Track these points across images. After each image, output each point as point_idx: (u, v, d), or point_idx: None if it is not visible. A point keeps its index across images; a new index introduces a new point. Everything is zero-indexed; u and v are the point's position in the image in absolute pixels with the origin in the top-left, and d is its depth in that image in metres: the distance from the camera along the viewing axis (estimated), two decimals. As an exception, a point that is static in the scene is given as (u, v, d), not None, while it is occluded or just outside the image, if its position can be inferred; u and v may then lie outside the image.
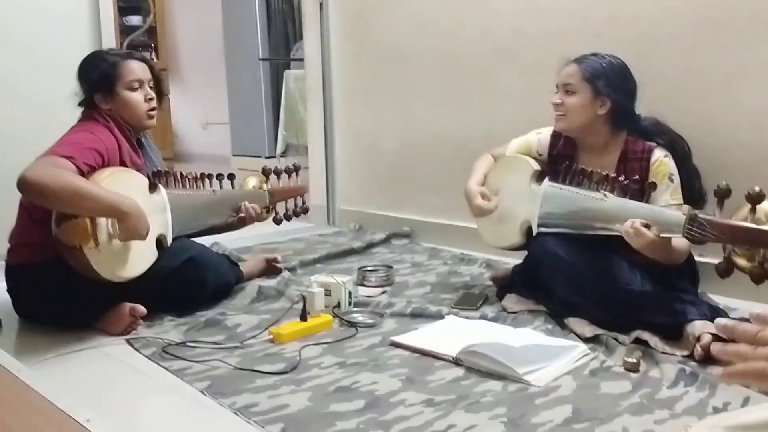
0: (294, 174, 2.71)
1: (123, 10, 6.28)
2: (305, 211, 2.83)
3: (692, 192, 2.12)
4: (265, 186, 2.64)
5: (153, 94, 2.23)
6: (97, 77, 2.17)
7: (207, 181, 2.43)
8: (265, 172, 2.65)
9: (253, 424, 1.50)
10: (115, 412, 1.55)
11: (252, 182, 2.67)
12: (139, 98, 2.20)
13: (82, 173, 1.94)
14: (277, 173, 2.65)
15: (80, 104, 2.22)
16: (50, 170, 1.88)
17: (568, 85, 2.15)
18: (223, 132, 6.55)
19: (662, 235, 1.87)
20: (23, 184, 1.87)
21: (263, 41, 6.10)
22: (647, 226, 1.87)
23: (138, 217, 1.97)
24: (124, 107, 2.18)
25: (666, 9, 2.45)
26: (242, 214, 2.42)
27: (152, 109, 2.24)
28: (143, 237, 2.00)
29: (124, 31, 6.19)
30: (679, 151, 2.16)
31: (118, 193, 1.95)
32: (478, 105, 3.09)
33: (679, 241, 1.95)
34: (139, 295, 2.09)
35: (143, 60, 2.27)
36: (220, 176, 2.47)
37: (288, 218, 2.76)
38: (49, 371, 1.82)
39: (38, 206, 1.98)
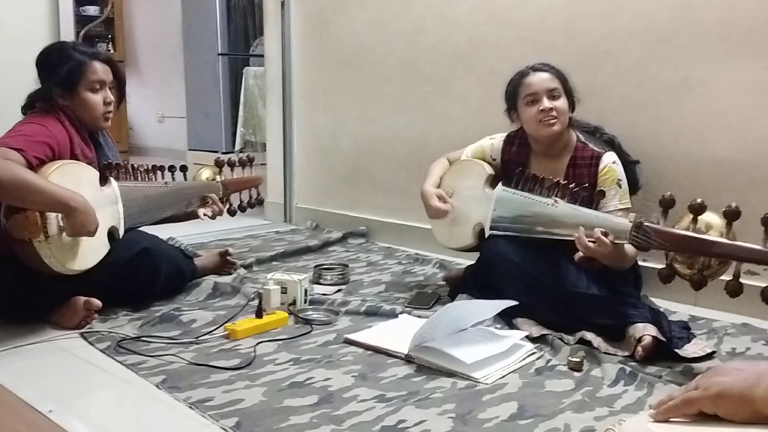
0: (248, 165, 2.71)
1: (80, 0, 6.18)
2: (260, 202, 2.84)
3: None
4: (218, 177, 2.65)
5: (112, 98, 2.24)
6: (62, 74, 2.15)
7: (159, 173, 2.44)
8: (219, 164, 2.65)
9: (208, 418, 1.53)
10: (74, 404, 1.56)
11: (205, 174, 2.67)
12: (98, 100, 2.19)
13: (31, 166, 1.94)
14: (231, 164, 2.65)
15: (36, 94, 2.20)
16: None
17: (553, 90, 2.18)
18: (179, 126, 6.51)
19: (615, 241, 1.93)
20: None
21: (222, 36, 6.07)
22: (605, 234, 1.92)
23: (86, 213, 1.96)
24: (82, 107, 2.18)
25: (617, 24, 2.54)
26: (207, 207, 2.48)
27: (109, 112, 2.24)
28: (92, 233, 2.00)
29: (81, 21, 6.09)
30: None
31: (67, 189, 1.94)
32: (434, 109, 3.15)
33: (629, 247, 2.03)
34: (93, 287, 2.08)
35: (108, 61, 2.26)
36: (172, 168, 2.48)
37: (243, 209, 2.75)
38: (5, 363, 1.81)
39: None
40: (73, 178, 2.02)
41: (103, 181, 2.18)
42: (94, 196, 2.07)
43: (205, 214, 2.51)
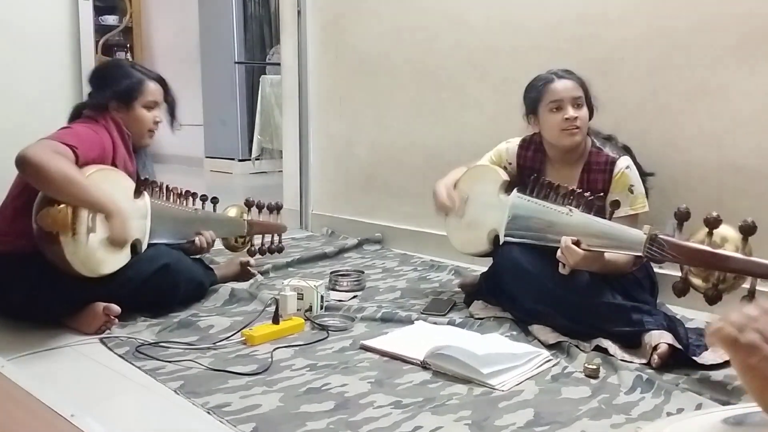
0: (276, 212, 2.80)
1: (99, 10, 6.26)
2: (280, 250, 2.94)
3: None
4: (245, 215, 2.72)
5: (161, 118, 2.35)
6: (122, 88, 2.26)
7: (191, 199, 2.52)
8: (248, 204, 2.76)
9: (225, 423, 1.54)
10: (95, 408, 1.57)
11: (233, 212, 2.77)
12: (149, 117, 2.29)
13: (77, 164, 1.99)
14: (259, 207, 2.77)
15: (84, 104, 2.30)
16: (51, 154, 1.93)
17: (577, 98, 2.17)
18: (196, 134, 6.55)
19: (593, 249, 1.96)
20: (22, 161, 1.91)
21: (239, 44, 6.12)
22: (577, 243, 1.96)
23: (123, 218, 2.03)
24: (134, 122, 2.27)
25: (632, 31, 2.54)
26: (196, 240, 2.47)
27: (154, 131, 2.33)
28: (126, 239, 2.07)
29: (99, 30, 6.17)
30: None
31: (109, 193, 2.02)
32: (450, 116, 3.16)
33: (616, 255, 2.03)
34: (113, 298, 2.11)
35: (161, 83, 2.36)
36: (204, 197, 2.57)
37: (262, 253, 2.88)
38: (27, 368, 1.83)
39: (23, 196, 2.02)
40: (110, 185, 2.08)
41: (137, 193, 2.24)
42: (126, 207, 2.12)
43: (191, 241, 2.47)
